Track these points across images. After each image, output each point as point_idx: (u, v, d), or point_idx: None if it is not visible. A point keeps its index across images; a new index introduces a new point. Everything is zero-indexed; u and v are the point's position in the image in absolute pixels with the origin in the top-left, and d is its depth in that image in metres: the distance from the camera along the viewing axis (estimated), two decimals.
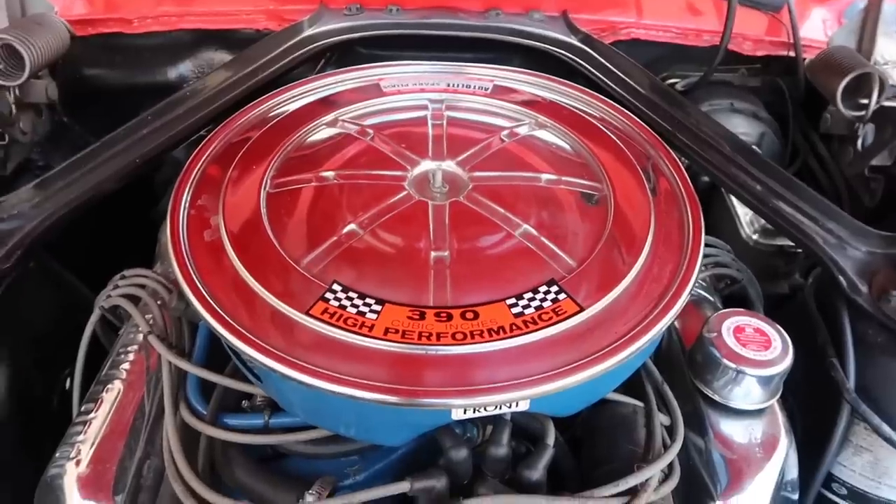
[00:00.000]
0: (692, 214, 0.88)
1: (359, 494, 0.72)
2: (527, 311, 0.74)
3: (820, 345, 0.96)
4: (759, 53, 1.45)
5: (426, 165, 0.93)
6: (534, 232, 0.83)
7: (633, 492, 0.75)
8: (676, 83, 1.48)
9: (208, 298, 0.74)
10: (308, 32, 1.27)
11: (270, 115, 1.04)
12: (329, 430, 0.78)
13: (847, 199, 1.34)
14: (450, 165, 0.93)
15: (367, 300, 0.74)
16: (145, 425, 0.86)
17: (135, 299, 0.97)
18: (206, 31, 1.41)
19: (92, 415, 0.85)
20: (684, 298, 0.77)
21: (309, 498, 0.74)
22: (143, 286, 0.98)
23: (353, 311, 0.73)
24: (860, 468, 0.95)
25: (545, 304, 0.74)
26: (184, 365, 0.86)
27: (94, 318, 0.98)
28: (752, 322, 0.89)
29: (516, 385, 0.67)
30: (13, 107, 1.18)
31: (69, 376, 1.02)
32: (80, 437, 0.83)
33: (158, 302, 0.95)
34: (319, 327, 0.72)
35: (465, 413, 0.70)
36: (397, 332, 0.71)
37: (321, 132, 1.00)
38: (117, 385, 0.89)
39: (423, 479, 0.73)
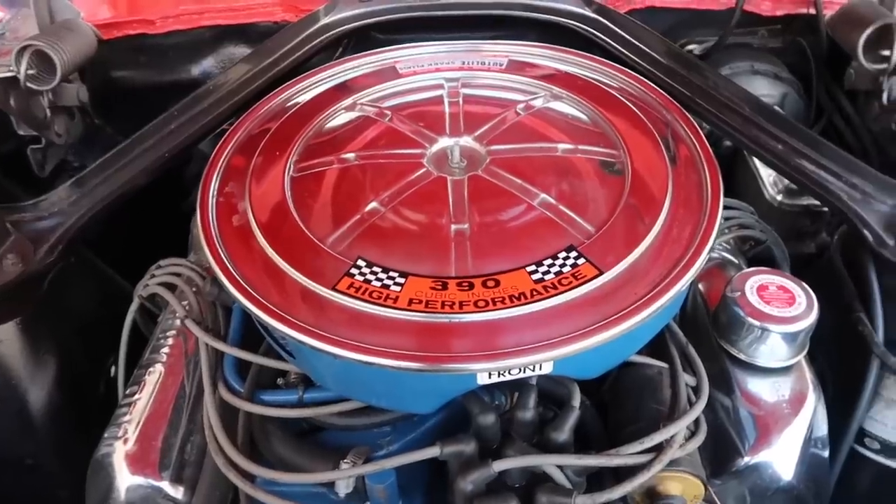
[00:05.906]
0: (710, 176, 0.88)
1: (391, 460, 0.75)
2: (547, 277, 0.75)
3: (847, 300, 0.95)
4: (779, 13, 1.44)
5: (444, 142, 0.94)
6: (552, 200, 0.84)
7: (659, 449, 0.76)
8: (695, 49, 1.47)
9: (240, 281, 0.77)
10: (324, 21, 1.29)
11: (290, 103, 1.06)
12: (361, 402, 0.81)
13: (875, 156, 1.32)
14: (467, 141, 0.94)
15: (391, 274, 0.76)
16: (187, 405, 0.90)
17: (171, 287, 1.01)
18: (225, 26, 1.44)
19: (136, 397, 0.90)
20: (704, 257, 0.77)
21: (344, 465, 0.76)
22: (178, 274, 1.02)
23: (378, 284, 0.75)
24: (892, 422, 0.95)
25: (564, 270, 0.75)
26: (220, 346, 0.89)
27: (133, 306, 1.03)
28: (775, 280, 0.89)
29: (538, 348, 0.69)
30: (48, 111, 1.23)
31: (113, 363, 1.07)
32: (126, 418, 0.87)
33: (193, 289, 0.99)
34: (346, 301, 0.74)
35: (489, 377, 0.71)
36: (421, 302, 0.73)
37: (341, 116, 1.02)
38: (158, 368, 0.93)
39: (453, 444, 0.75)
